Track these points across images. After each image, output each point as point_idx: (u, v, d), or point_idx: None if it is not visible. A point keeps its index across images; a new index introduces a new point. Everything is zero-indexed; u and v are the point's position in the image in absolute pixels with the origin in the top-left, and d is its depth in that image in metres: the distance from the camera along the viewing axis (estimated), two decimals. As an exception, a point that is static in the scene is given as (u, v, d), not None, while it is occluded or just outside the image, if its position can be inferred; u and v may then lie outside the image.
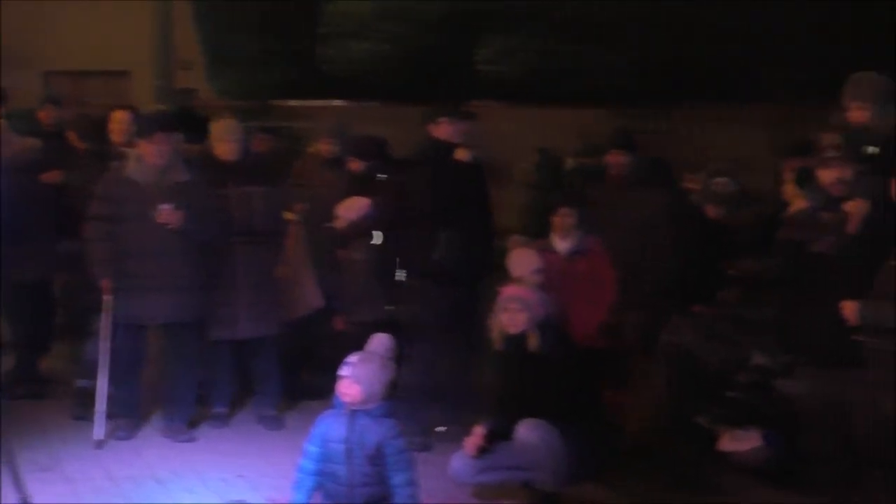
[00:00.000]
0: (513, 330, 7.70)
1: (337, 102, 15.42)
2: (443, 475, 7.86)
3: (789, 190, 8.30)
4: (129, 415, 9.27)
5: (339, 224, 9.71)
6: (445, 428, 9.05)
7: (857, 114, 8.04)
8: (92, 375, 9.26)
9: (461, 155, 9.03)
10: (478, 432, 7.60)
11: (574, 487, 7.70)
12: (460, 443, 7.77)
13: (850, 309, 6.67)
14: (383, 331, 7.12)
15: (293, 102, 15.88)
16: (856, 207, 7.07)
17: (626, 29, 15.17)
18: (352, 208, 9.68)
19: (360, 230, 9.64)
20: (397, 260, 9.48)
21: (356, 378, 6.51)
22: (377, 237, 9.59)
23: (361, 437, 6.51)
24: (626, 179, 10.00)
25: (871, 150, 7.73)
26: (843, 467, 7.33)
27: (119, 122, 10.10)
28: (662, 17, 14.84)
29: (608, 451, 7.95)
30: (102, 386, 8.98)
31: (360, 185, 9.86)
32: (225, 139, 9.41)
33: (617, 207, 9.69)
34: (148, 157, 9.02)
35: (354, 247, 9.67)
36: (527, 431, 7.39)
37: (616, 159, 10.18)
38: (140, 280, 8.92)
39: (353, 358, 6.61)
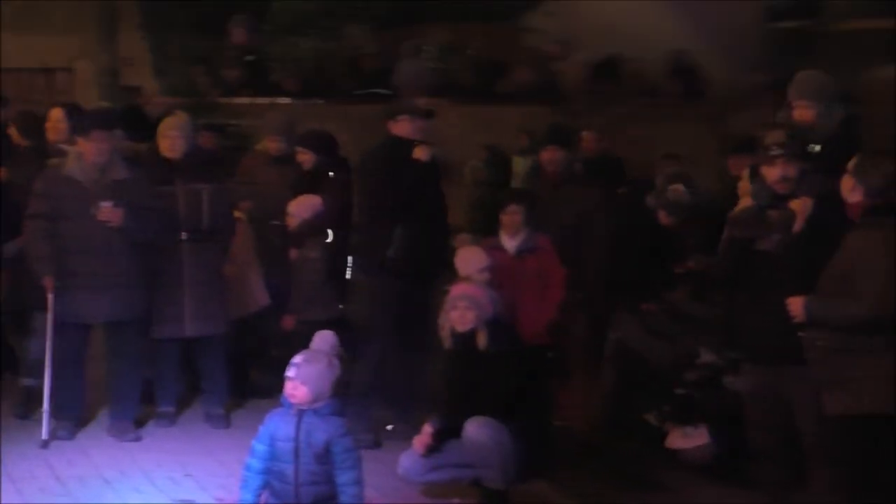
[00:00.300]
0: (461, 328, 7.70)
1: (283, 100, 15.36)
2: (392, 473, 7.86)
3: (744, 187, 8.34)
4: (72, 414, 9.21)
5: (292, 222, 9.68)
6: (393, 426, 9.06)
7: (802, 112, 8.11)
8: (35, 374, 9.21)
9: (420, 153, 9.01)
10: (427, 430, 7.61)
11: (522, 485, 7.73)
12: (410, 441, 7.78)
13: (796, 305, 6.71)
14: (333, 329, 7.09)
15: (239, 100, 15.80)
16: (801, 205, 7.12)
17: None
18: (304, 206, 9.65)
19: (313, 228, 9.62)
20: (349, 258, 9.50)
21: (302, 379, 6.47)
22: (331, 235, 9.60)
23: (309, 436, 6.49)
24: (560, 176, 10.01)
25: (815, 148, 7.80)
26: (788, 465, 7.39)
27: (55, 119, 10.04)
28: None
29: (557, 449, 7.98)
30: (47, 385, 8.92)
31: (310, 183, 9.83)
32: (171, 135, 9.37)
33: (551, 204, 9.71)
34: (87, 155, 8.97)
35: (309, 245, 9.64)
36: (475, 429, 7.40)
37: (551, 156, 10.20)
38: (81, 278, 8.87)
39: (297, 358, 6.56)
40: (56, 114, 10.07)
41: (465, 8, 17.11)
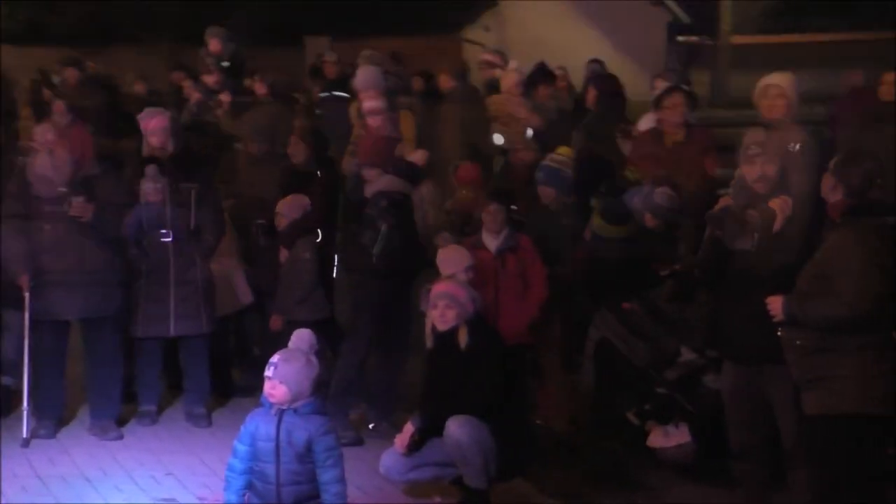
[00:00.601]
0: (442, 327, 7.69)
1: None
2: (374, 472, 7.86)
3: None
4: (52, 413, 9.20)
5: (281, 222, 9.69)
6: (375, 425, 9.06)
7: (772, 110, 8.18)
8: (12, 373, 9.19)
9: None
10: (408, 429, 7.60)
11: (504, 484, 7.73)
12: (392, 440, 7.78)
13: (775, 304, 6.73)
14: (321, 329, 7.07)
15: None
16: (779, 204, 7.14)
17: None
18: (293, 206, 9.67)
19: (302, 228, 9.64)
20: (336, 256, 9.52)
21: (281, 378, 6.44)
22: (320, 235, 9.62)
23: (290, 435, 6.46)
24: (531, 174, 10.04)
25: (795, 147, 7.83)
26: (769, 464, 7.41)
27: (24, 118, 10.06)
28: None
29: (538, 448, 7.98)
30: (26, 384, 8.90)
31: (298, 181, 9.85)
32: (160, 134, 9.36)
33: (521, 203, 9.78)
34: (58, 151, 9.00)
35: (301, 246, 9.64)
36: (457, 428, 7.39)
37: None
38: (54, 275, 8.87)
39: (276, 358, 6.52)
40: (25, 112, 10.08)
41: (412, 22, 19.12)
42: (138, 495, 8.03)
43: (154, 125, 9.37)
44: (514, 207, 9.16)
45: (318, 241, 9.68)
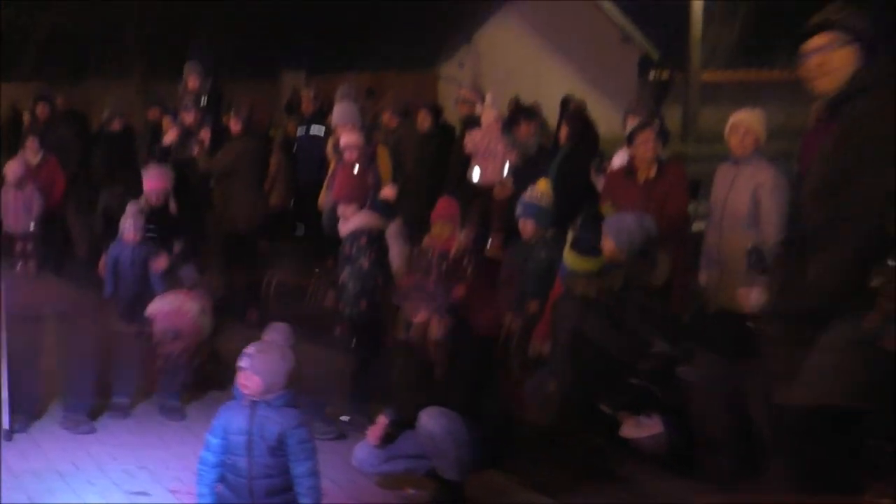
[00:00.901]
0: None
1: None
2: (347, 465, 7.84)
3: None
4: (25, 407, 9.13)
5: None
6: (349, 417, 9.04)
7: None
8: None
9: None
10: (381, 421, 7.59)
11: (477, 475, 7.71)
12: (365, 432, 7.76)
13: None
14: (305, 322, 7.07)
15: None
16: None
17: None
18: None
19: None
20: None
21: (255, 369, 6.43)
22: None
23: (262, 428, 6.44)
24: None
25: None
26: (741, 455, 7.43)
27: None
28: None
29: (511, 439, 7.97)
30: (5, 377, 8.86)
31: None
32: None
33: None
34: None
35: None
36: (428, 420, 7.38)
37: None
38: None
39: (250, 349, 6.52)
40: None
41: (387, 58, 20.14)
42: (111, 489, 7.99)
43: (156, 185, 9.48)
44: (489, 242, 9.21)
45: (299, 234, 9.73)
